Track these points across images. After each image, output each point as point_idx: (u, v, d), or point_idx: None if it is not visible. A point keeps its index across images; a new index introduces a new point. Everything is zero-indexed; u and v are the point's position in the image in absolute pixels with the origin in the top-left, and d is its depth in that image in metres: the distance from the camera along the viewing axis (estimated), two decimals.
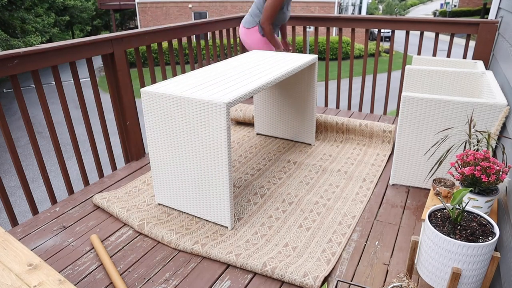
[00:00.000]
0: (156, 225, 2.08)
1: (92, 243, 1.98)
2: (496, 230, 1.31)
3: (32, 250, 1.98)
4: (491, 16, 3.42)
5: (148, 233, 2.05)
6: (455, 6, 38.62)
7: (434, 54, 3.42)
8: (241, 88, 2.04)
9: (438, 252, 1.31)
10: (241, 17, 4.16)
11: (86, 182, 2.64)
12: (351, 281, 1.74)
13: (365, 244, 1.98)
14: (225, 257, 1.85)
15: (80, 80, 2.50)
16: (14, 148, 2.15)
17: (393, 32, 3.67)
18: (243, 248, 1.92)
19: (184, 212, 2.25)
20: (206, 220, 2.17)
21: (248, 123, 3.59)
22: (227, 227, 2.10)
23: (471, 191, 1.54)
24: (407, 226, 2.13)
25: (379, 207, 2.30)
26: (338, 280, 1.65)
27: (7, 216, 2.20)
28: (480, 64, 2.88)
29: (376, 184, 2.55)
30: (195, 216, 2.21)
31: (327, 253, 1.89)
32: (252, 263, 1.80)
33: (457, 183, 1.88)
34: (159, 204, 2.33)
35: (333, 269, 1.81)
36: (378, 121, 3.60)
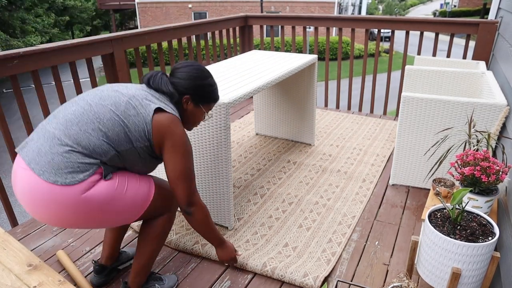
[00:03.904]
0: None
1: (60, 260, 1.86)
2: (496, 230, 1.31)
3: (32, 250, 1.97)
4: (491, 16, 3.42)
5: None
6: (455, 6, 38.62)
7: (434, 54, 3.42)
8: (241, 88, 2.03)
9: (438, 252, 1.31)
10: (241, 17, 4.13)
11: None
12: (351, 281, 1.74)
13: (365, 244, 1.98)
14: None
15: (80, 80, 2.50)
16: (14, 148, 2.15)
17: (393, 32, 3.67)
18: (243, 248, 1.92)
19: None
20: None
21: (248, 124, 3.59)
22: (227, 227, 2.10)
23: (471, 191, 1.54)
24: (407, 226, 2.13)
25: (379, 207, 2.30)
26: (338, 280, 1.65)
27: (7, 216, 2.20)
28: (482, 64, 2.88)
29: (376, 184, 2.55)
30: None
31: (327, 253, 1.89)
32: (252, 264, 1.79)
33: (457, 183, 1.88)
34: None
35: (333, 269, 1.81)
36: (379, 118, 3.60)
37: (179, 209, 2.20)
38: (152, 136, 1.35)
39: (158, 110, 1.37)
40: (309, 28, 4.15)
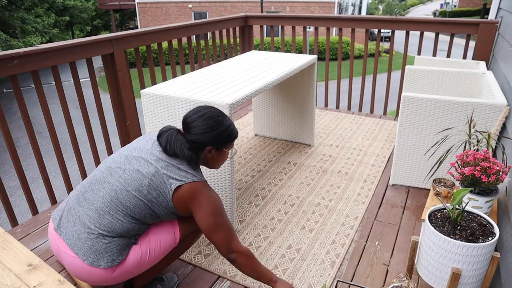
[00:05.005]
0: None
1: None
2: (496, 230, 1.31)
3: (32, 250, 1.97)
4: (491, 16, 3.42)
5: None
6: (455, 6, 38.61)
7: (434, 54, 3.42)
8: (242, 90, 2.03)
9: (438, 252, 1.31)
10: (241, 17, 4.13)
11: None
12: (351, 281, 1.74)
13: (365, 244, 1.98)
14: (227, 268, 1.85)
15: (80, 80, 2.50)
16: (14, 148, 2.15)
17: (393, 32, 3.67)
18: None
19: None
20: None
21: (246, 124, 3.59)
22: None
23: (471, 191, 1.53)
24: (407, 226, 2.12)
25: (379, 207, 2.30)
26: (338, 280, 1.65)
27: (7, 216, 2.20)
28: (482, 64, 2.88)
29: (377, 184, 2.55)
30: None
31: (331, 255, 1.89)
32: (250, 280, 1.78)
33: (457, 183, 1.88)
34: None
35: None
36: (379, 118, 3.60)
37: None
38: (177, 210, 1.45)
39: (178, 187, 1.42)
40: (309, 28, 4.15)
